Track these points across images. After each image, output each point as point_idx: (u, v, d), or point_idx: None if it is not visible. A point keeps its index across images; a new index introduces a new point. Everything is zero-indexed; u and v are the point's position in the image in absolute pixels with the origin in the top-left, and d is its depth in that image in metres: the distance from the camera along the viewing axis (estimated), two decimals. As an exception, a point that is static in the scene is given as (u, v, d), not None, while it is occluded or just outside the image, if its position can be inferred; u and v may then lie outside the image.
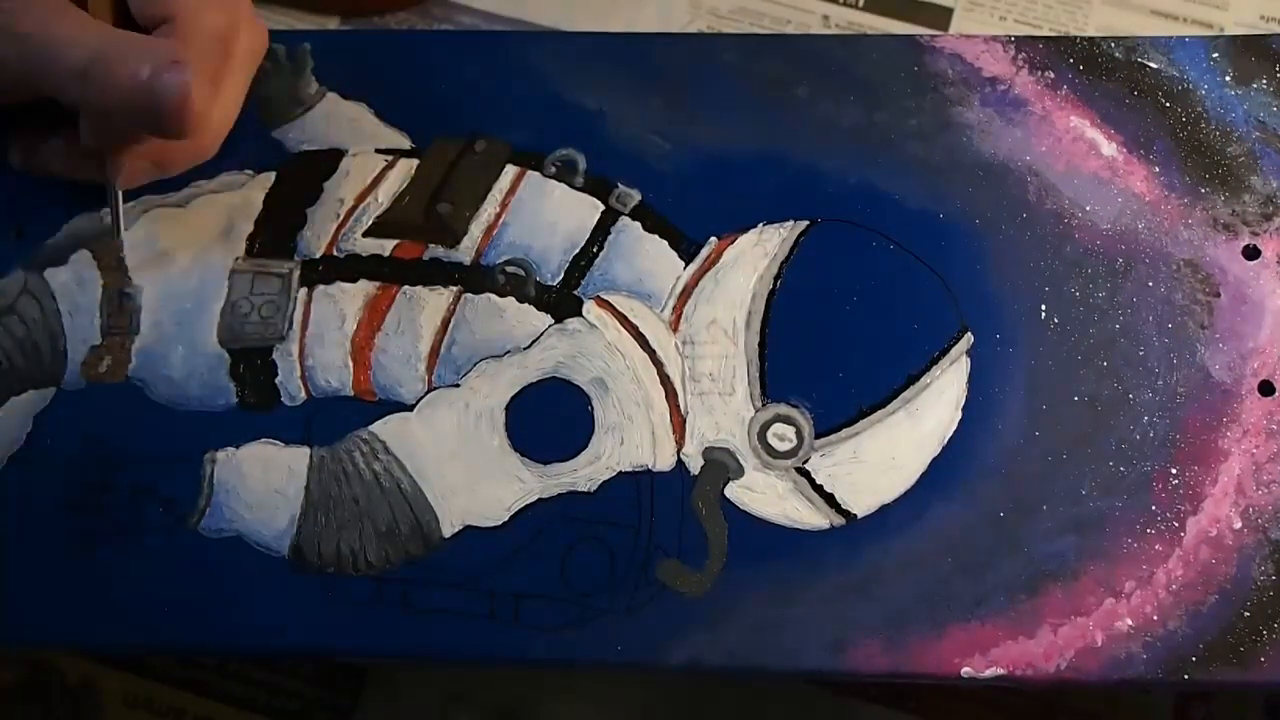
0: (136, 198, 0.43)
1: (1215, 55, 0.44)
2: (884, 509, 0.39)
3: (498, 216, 0.43)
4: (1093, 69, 0.44)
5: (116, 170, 0.41)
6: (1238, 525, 0.39)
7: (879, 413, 0.40)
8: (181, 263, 0.42)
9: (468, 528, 0.39)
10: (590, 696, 0.47)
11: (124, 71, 0.37)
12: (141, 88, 0.37)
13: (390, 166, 0.43)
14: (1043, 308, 0.41)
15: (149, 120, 0.38)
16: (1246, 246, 0.41)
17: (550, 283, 0.42)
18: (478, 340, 0.41)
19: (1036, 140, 0.43)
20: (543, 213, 0.43)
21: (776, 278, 0.42)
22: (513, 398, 0.41)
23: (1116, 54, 0.44)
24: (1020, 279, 0.41)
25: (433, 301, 0.42)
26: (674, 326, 0.41)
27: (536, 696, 0.47)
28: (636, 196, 0.43)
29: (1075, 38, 0.45)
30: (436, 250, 0.42)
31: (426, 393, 0.41)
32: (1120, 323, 0.41)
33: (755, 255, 0.42)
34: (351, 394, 0.41)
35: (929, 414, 0.40)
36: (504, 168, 0.43)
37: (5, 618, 0.39)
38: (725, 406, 0.40)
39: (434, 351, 0.41)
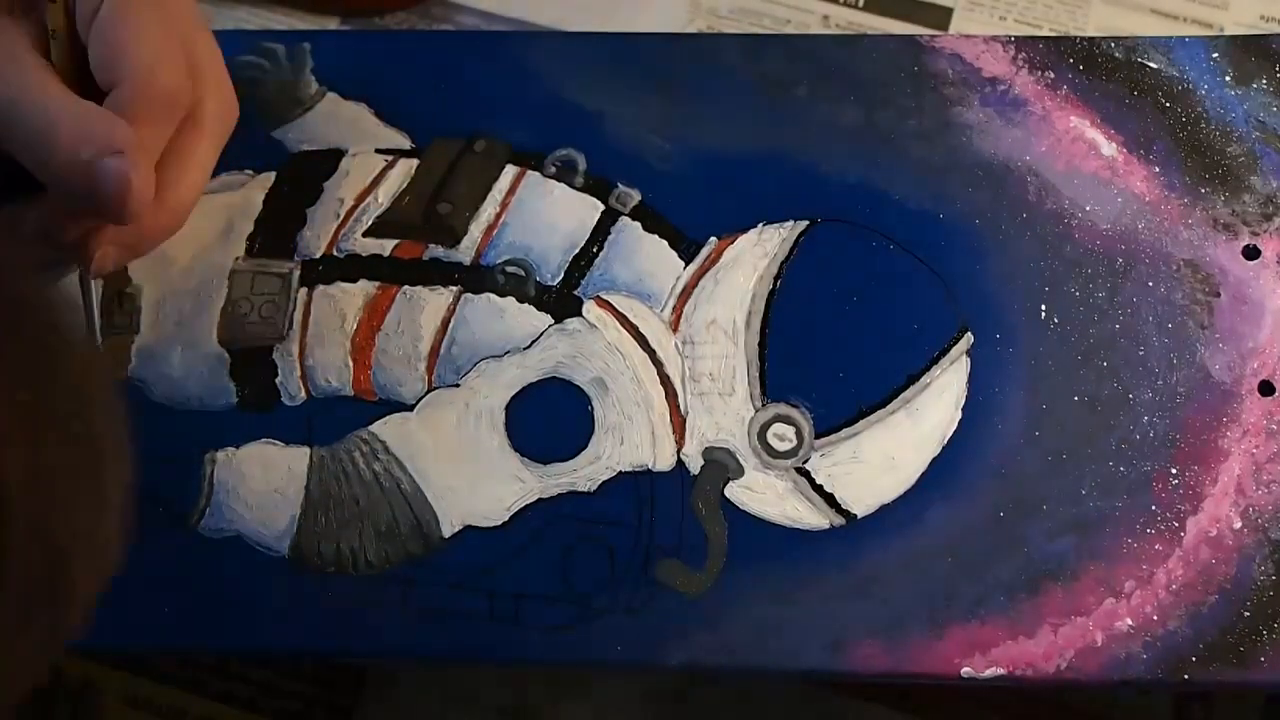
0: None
1: (1215, 55, 0.44)
2: (884, 509, 0.39)
3: (498, 216, 0.43)
4: (1093, 69, 0.44)
5: (87, 258, 0.38)
6: (1238, 525, 0.39)
7: (879, 413, 0.40)
8: (181, 263, 0.42)
9: (468, 528, 0.39)
10: (590, 696, 0.47)
11: (63, 152, 0.35)
12: (80, 172, 0.35)
13: (390, 166, 0.43)
14: (1043, 308, 0.41)
15: (93, 207, 0.36)
16: (1246, 246, 0.41)
17: (550, 283, 0.42)
18: (478, 340, 0.41)
19: (1036, 140, 0.43)
20: (543, 213, 0.43)
21: (776, 278, 0.42)
22: (513, 398, 0.41)
23: (1116, 54, 0.44)
24: (1020, 279, 0.41)
25: (433, 301, 0.42)
26: (674, 326, 0.41)
27: (536, 696, 0.47)
28: (636, 196, 0.43)
29: (1075, 38, 0.45)
30: (436, 250, 0.42)
31: (426, 393, 0.41)
32: (1120, 323, 0.41)
33: (755, 255, 0.42)
34: (351, 394, 0.41)
35: (929, 414, 0.40)
36: (504, 168, 0.43)
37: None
38: (725, 406, 0.40)
39: (434, 351, 0.41)
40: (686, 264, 0.42)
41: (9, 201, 0.39)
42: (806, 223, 0.42)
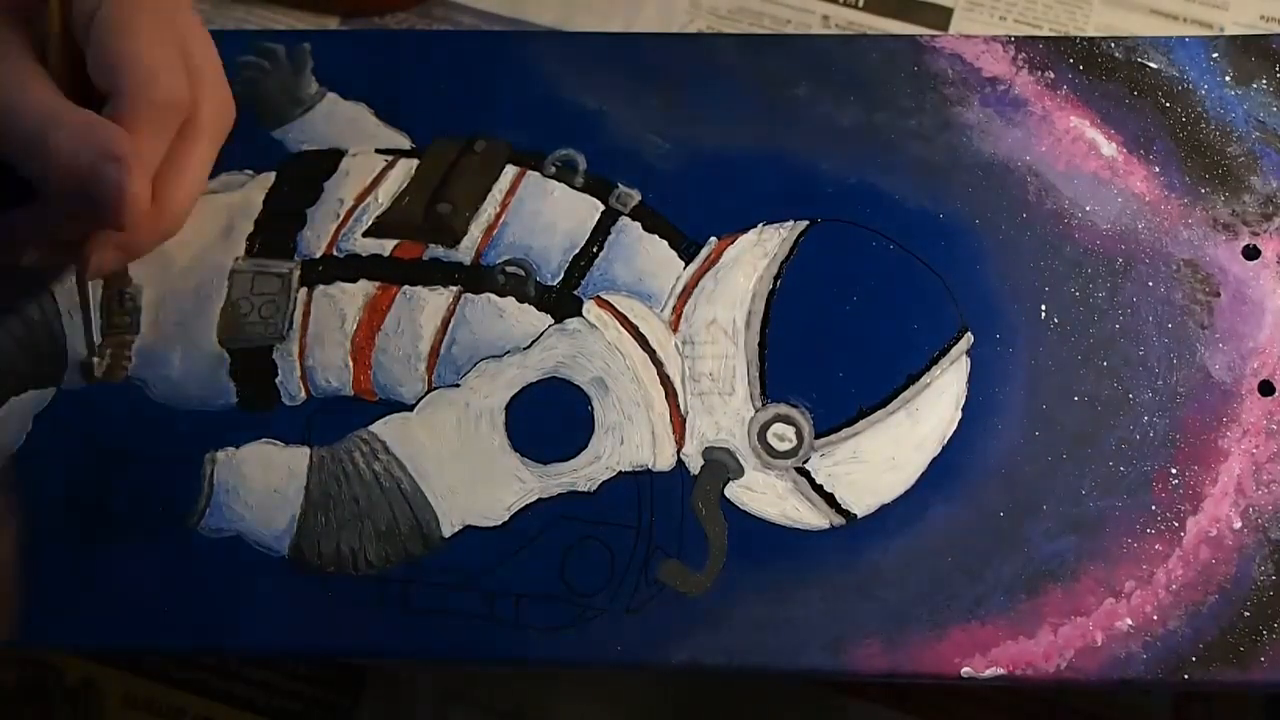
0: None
1: (1215, 55, 0.44)
2: (884, 509, 0.39)
3: (498, 216, 0.43)
4: (1093, 69, 0.44)
5: (85, 260, 0.38)
6: (1238, 525, 0.39)
7: (879, 413, 0.40)
8: (181, 263, 0.42)
9: (468, 528, 0.39)
10: (591, 696, 0.47)
11: (62, 157, 0.35)
12: (79, 178, 0.35)
13: (390, 166, 0.43)
14: (1043, 308, 0.41)
15: (89, 212, 0.36)
16: (1246, 246, 0.41)
17: (550, 283, 0.42)
18: (478, 340, 0.41)
19: (1036, 140, 0.43)
20: (543, 213, 0.43)
21: (776, 278, 0.42)
22: (513, 398, 0.41)
23: (1116, 54, 0.44)
24: (1020, 279, 0.41)
25: (433, 301, 0.42)
26: (674, 326, 0.41)
27: (536, 696, 0.47)
28: (636, 196, 0.43)
29: (1075, 38, 0.45)
30: (436, 250, 0.42)
31: (426, 393, 0.41)
32: (1120, 323, 0.41)
33: (755, 255, 0.42)
34: (351, 394, 0.41)
35: (929, 414, 0.40)
36: (504, 168, 0.43)
37: (6, 618, 0.39)
38: (725, 406, 0.40)
39: (434, 351, 0.41)
40: (686, 264, 0.42)
41: (5, 207, 0.39)
42: (806, 223, 0.42)
